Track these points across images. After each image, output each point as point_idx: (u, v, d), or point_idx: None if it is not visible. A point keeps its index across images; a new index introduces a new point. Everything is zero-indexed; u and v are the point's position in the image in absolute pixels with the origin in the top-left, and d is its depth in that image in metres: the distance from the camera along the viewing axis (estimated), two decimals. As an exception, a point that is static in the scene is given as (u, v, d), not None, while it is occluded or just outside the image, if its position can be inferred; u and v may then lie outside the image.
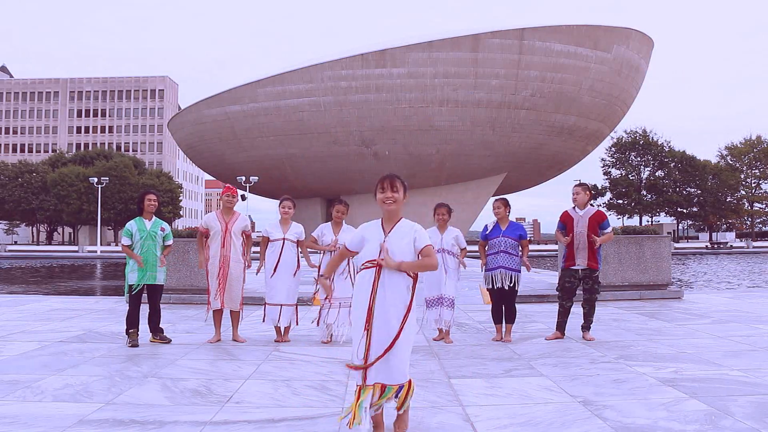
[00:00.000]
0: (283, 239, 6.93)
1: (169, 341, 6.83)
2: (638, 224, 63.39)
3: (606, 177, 79.70)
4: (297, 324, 7.12)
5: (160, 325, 6.95)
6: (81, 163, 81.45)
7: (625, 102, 57.53)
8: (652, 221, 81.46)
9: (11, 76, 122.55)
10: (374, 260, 3.34)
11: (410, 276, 3.36)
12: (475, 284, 13.33)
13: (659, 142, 77.89)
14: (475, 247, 7.60)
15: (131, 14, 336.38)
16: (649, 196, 77.83)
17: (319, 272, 6.98)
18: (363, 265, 3.40)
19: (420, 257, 3.38)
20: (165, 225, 7.00)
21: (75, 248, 60.44)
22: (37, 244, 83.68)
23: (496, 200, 7.17)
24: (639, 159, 78.93)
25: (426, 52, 49.91)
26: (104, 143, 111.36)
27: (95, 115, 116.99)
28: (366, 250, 3.41)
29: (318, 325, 6.89)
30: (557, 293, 7.22)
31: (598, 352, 6.20)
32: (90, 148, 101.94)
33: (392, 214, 3.43)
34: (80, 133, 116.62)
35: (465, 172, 54.84)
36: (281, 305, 6.90)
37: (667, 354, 6.02)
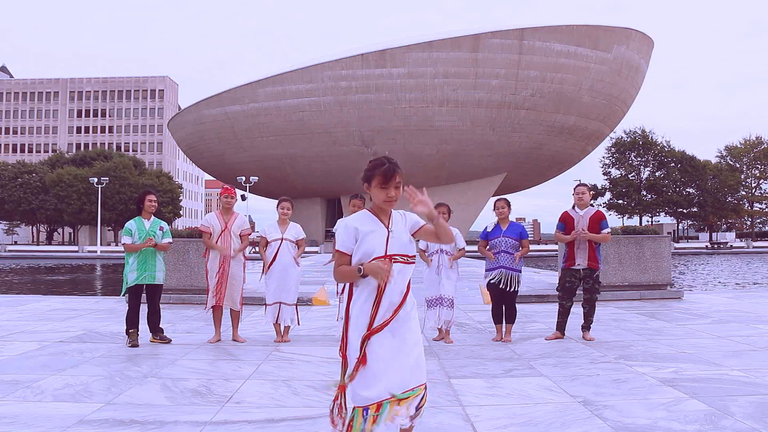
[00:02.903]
0: (282, 239, 6.94)
1: (169, 341, 6.83)
2: (638, 224, 63.42)
3: (606, 177, 79.77)
4: (299, 324, 7.13)
5: (160, 325, 6.95)
6: (81, 164, 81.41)
7: (625, 102, 57.56)
8: (652, 221, 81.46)
9: (11, 76, 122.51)
10: (382, 257, 2.84)
11: (412, 263, 2.94)
12: (475, 284, 13.33)
13: (659, 142, 77.94)
14: (475, 247, 7.57)
15: (131, 14, 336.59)
16: (649, 196, 77.84)
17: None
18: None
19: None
20: (164, 224, 7.01)
21: (75, 248, 60.46)
22: (37, 244, 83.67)
23: (498, 200, 7.15)
24: (639, 159, 78.95)
25: (426, 52, 49.95)
26: (104, 143, 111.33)
27: (95, 115, 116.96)
28: (369, 247, 2.86)
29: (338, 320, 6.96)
30: (557, 293, 7.21)
31: (598, 352, 6.20)
32: (90, 148, 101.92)
33: (388, 211, 2.97)
34: (80, 133, 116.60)
35: (465, 172, 54.91)
36: (280, 303, 6.91)
37: (667, 354, 6.02)
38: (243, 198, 58.40)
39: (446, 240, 3.06)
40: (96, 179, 60.78)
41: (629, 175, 78.49)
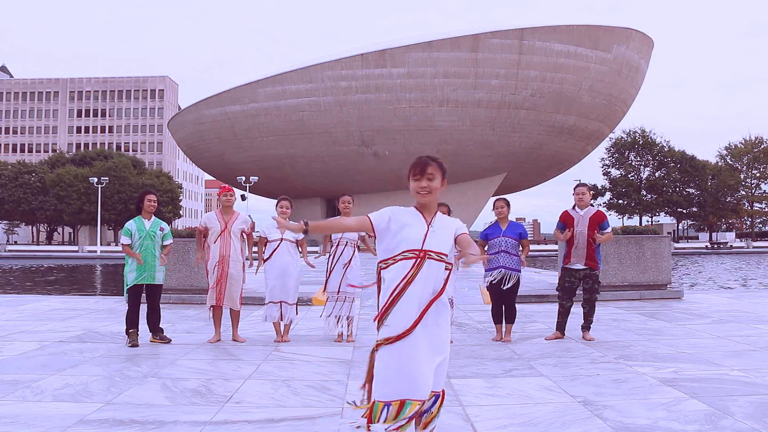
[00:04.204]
0: (281, 239, 6.93)
1: (169, 341, 6.83)
2: (638, 224, 63.43)
3: (606, 177, 79.78)
4: (297, 313, 7.13)
5: (160, 325, 6.95)
6: (80, 164, 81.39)
7: (625, 102, 57.56)
8: (652, 221, 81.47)
9: (11, 76, 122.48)
10: (417, 250, 2.81)
11: (448, 269, 2.90)
12: (475, 284, 13.32)
13: (658, 142, 77.96)
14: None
15: (131, 14, 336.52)
16: (649, 196, 77.86)
17: (328, 268, 7.00)
18: (402, 254, 2.82)
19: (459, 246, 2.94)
20: (164, 225, 7.00)
21: (75, 248, 60.45)
22: (37, 244, 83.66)
23: (498, 200, 7.16)
24: (639, 159, 78.98)
25: (426, 52, 49.95)
26: (104, 143, 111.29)
27: (95, 115, 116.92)
28: (402, 239, 2.83)
29: (322, 316, 7.04)
30: (557, 293, 7.22)
31: (598, 352, 6.20)
32: (90, 148, 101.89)
33: (429, 206, 2.92)
34: (80, 133, 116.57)
35: (465, 172, 54.86)
36: (280, 302, 6.91)
37: (667, 354, 6.02)
38: (243, 198, 58.40)
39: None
40: (96, 179, 60.78)
41: (629, 175, 78.50)
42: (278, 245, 6.92)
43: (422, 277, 2.81)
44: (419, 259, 2.81)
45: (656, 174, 78.52)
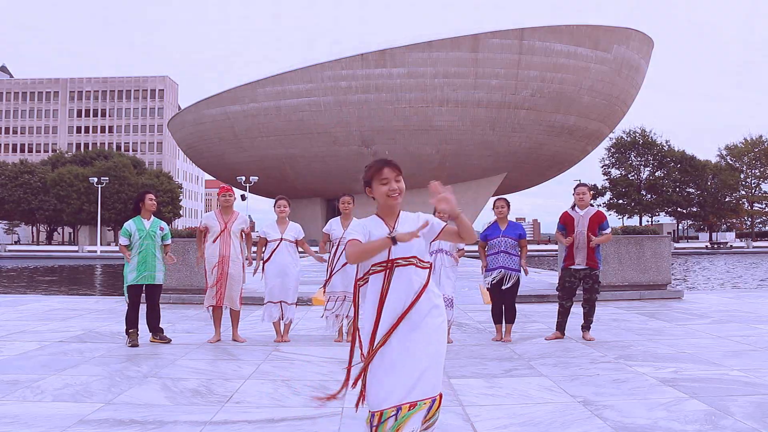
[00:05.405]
0: (281, 239, 6.93)
1: (169, 341, 6.83)
2: (638, 224, 63.43)
3: (606, 177, 79.80)
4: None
5: (160, 325, 6.95)
6: (80, 163, 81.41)
7: (625, 102, 57.59)
8: (652, 221, 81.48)
9: (11, 76, 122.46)
10: (384, 262, 2.79)
11: (424, 267, 2.84)
12: (475, 284, 13.33)
13: (658, 142, 78.00)
14: (473, 248, 7.56)
15: (131, 14, 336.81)
16: (649, 196, 77.87)
17: (329, 268, 6.98)
18: (371, 268, 2.83)
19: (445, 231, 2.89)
20: (164, 224, 7.00)
21: (75, 248, 60.46)
22: (37, 244, 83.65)
23: (498, 200, 7.15)
24: (639, 159, 79.00)
25: (426, 52, 49.97)
26: (104, 143, 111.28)
27: (95, 115, 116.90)
28: None
29: (323, 315, 7.02)
30: (557, 293, 7.22)
31: (598, 352, 6.20)
32: (90, 148, 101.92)
33: (395, 210, 2.89)
34: (80, 133, 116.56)
35: (465, 172, 54.91)
36: (280, 302, 6.91)
37: (667, 354, 6.02)
38: (243, 198, 58.40)
39: (470, 238, 2.93)
40: (96, 179, 60.75)
41: (629, 175, 78.54)
42: (278, 245, 6.92)
43: (394, 289, 2.76)
44: (388, 270, 2.77)
45: (656, 174, 78.55)
